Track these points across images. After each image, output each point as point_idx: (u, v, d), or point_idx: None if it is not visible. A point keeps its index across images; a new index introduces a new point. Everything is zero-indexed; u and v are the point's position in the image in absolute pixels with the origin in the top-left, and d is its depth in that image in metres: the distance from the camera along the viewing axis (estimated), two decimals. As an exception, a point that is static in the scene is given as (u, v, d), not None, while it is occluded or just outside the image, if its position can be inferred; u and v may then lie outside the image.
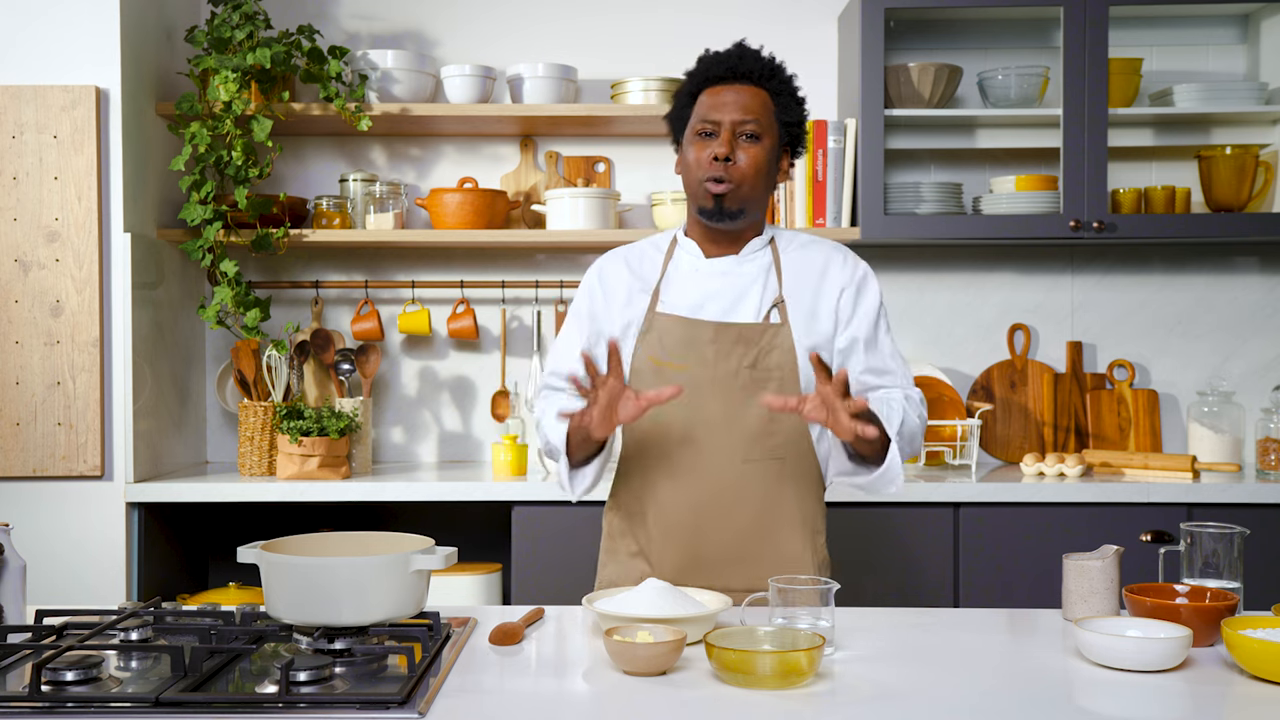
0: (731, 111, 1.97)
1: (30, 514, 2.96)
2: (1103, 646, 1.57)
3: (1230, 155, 3.31)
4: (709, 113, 1.98)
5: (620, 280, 2.10)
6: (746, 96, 1.98)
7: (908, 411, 1.99)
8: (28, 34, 3.00)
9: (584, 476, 2.03)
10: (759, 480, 1.99)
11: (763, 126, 1.98)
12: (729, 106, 1.97)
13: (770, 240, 2.08)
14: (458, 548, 1.77)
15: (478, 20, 3.55)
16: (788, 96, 2.02)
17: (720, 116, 1.97)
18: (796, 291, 2.03)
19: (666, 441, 2.01)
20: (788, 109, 2.01)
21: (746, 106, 1.97)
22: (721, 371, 1.98)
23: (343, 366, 3.33)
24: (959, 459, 3.30)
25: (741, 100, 1.97)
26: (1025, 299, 3.56)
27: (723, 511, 1.99)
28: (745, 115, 1.97)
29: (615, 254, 2.15)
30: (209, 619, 1.78)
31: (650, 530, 2.04)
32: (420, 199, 3.37)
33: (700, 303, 2.03)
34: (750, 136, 1.97)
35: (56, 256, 2.99)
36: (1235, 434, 3.35)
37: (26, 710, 1.40)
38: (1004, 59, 3.50)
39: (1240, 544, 1.82)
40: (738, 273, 2.05)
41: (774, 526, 2.01)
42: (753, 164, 1.97)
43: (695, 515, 2.00)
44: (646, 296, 2.07)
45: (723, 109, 1.97)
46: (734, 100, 1.97)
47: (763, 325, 2.00)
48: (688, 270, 2.07)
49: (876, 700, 1.46)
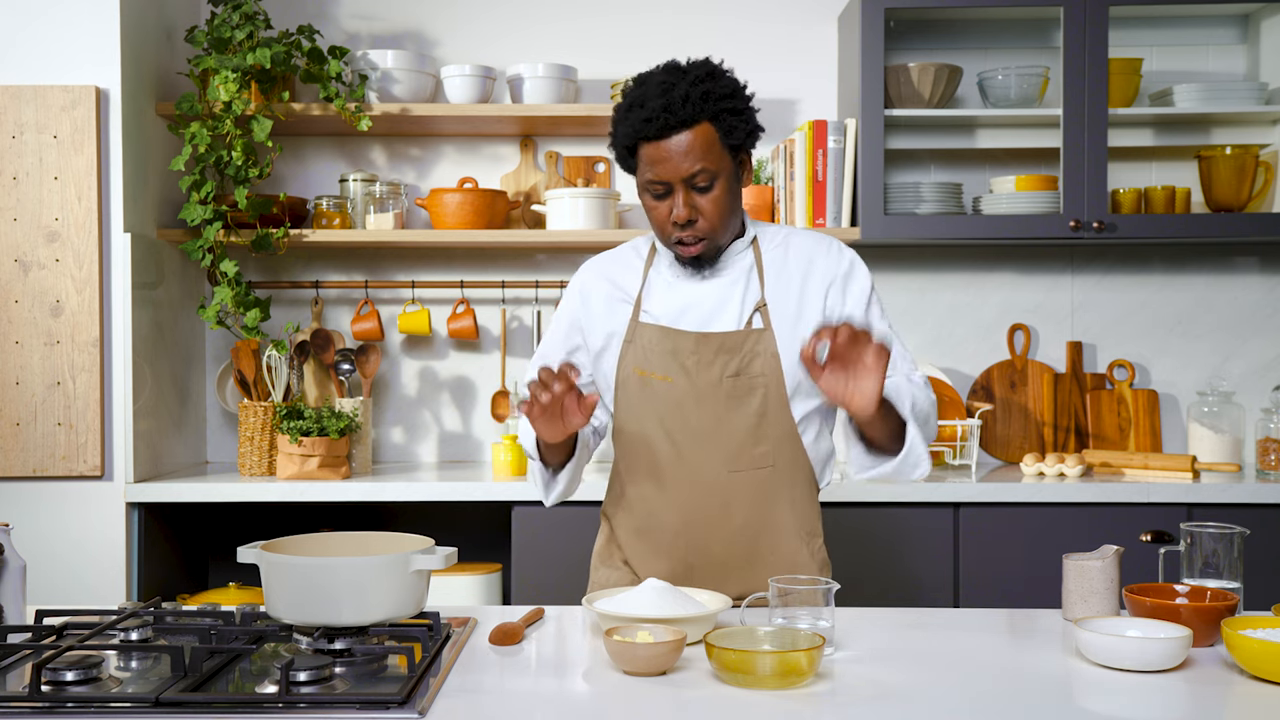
0: (678, 166, 1.86)
1: (30, 514, 2.97)
2: (1103, 646, 1.57)
3: (1230, 155, 3.31)
4: (655, 172, 1.88)
5: (600, 292, 2.06)
6: (689, 143, 1.85)
7: (915, 393, 1.91)
8: (28, 34, 3.00)
9: (555, 484, 2.00)
10: (747, 489, 1.97)
11: (715, 165, 1.87)
12: (673, 161, 1.86)
13: (753, 240, 2.03)
14: (458, 548, 1.77)
15: (478, 20, 3.55)
16: (728, 116, 1.88)
17: (668, 176, 1.87)
18: (780, 292, 1.98)
19: (653, 453, 1.99)
20: (732, 131, 1.88)
21: (692, 155, 1.85)
22: (704, 382, 1.95)
23: (343, 366, 3.33)
24: (959, 459, 3.30)
25: (685, 149, 1.85)
26: (1025, 299, 3.56)
27: (711, 521, 1.98)
28: (694, 166, 1.86)
29: (595, 263, 2.11)
30: (209, 619, 1.78)
31: (640, 541, 2.04)
32: (420, 199, 3.37)
33: (681, 311, 1.99)
34: (704, 187, 1.88)
35: (56, 256, 2.99)
36: (1235, 434, 3.35)
37: (26, 710, 1.40)
38: (1004, 59, 3.50)
39: (1240, 544, 1.82)
40: (718, 277, 2.00)
41: (766, 534, 1.99)
42: (715, 207, 1.90)
43: (684, 525, 1.99)
44: (628, 307, 2.03)
45: (668, 167, 1.86)
46: (678, 152, 1.85)
47: (744, 332, 1.95)
48: (669, 278, 2.02)
49: (876, 700, 1.46)
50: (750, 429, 1.96)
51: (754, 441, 1.96)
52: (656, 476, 2.00)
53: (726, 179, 1.90)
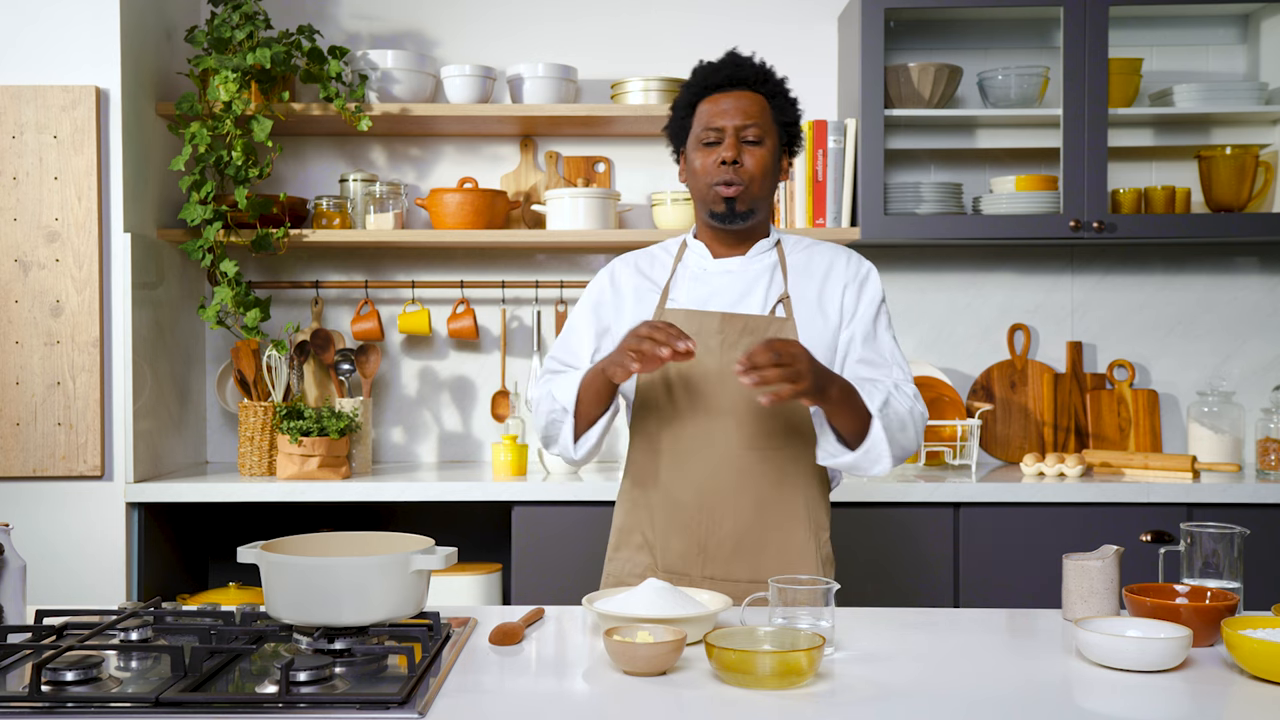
0: (733, 117, 2.04)
1: (30, 514, 2.97)
2: (1103, 646, 1.57)
3: (1230, 155, 3.31)
4: (712, 120, 2.05)
5: (630, 282, 2.16)
6: (745, 102, 2.05)
7: (894, 397, 2.00)
8: (28, 34, 3.00)
9: (589, 437, 2.07)
10: (763, 469, 2.03)
11: (763, 130, 2.05)
12: (730, 113, 2.04)
13: (776, 243, 2.14)
14: (458, 548, 1.77)
15: (478, 20, 3.55)
16: (782, 99, 2.08)
17: (723, 123, 2.04)
18: (802, 289, 2.08)
19: (673, 429, 2.05)
20: (784, 110, 2.08)
21: (747, 112, 2.04)
22: (727, 360, 2.01)
23: (343, 366, 3.33)
24: (959, 459, 3.30)
25: (741, 106, 2.04)
26: (1025, 299, 3.56)
27: (727, 499, 2.03)
28: (747, 120, 2.03)
29: (627, 257, 2.22)
30: (209, 619, 1.78)
31: (656, 518, 2.08)
32: (420, 199, 3.37)
33: (707, 298, 2.09)
34: (753, 140, 2.04)
35: (56, 256, 2.99)
36: (1235, 434, 3.35)
37: (26, 710, 1.40)
38: (1004, 59, 3.50)
39: (1240, 544, 1.82)
40: (744, 271, 2.11)
41: (778, 518, 2.04)
42: (759, 165, 2.04)
43: (700, 502, 2.04)
44: (656, 295, 2.13)
45: (725, 115, 2.04)
46: (734, 107, 2.04)
47: (768, 318, 2.05)
48: (696, 270, 2.13)
49: (876, 700, 1.46)
50: (768, 409, 2.01)
51: (772, 421, 2.02)
52: (675, 454, 2.06)
53: (772, 150, 2.06)
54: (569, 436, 2.06)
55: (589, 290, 2.20)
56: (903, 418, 1.99)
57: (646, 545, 2.10)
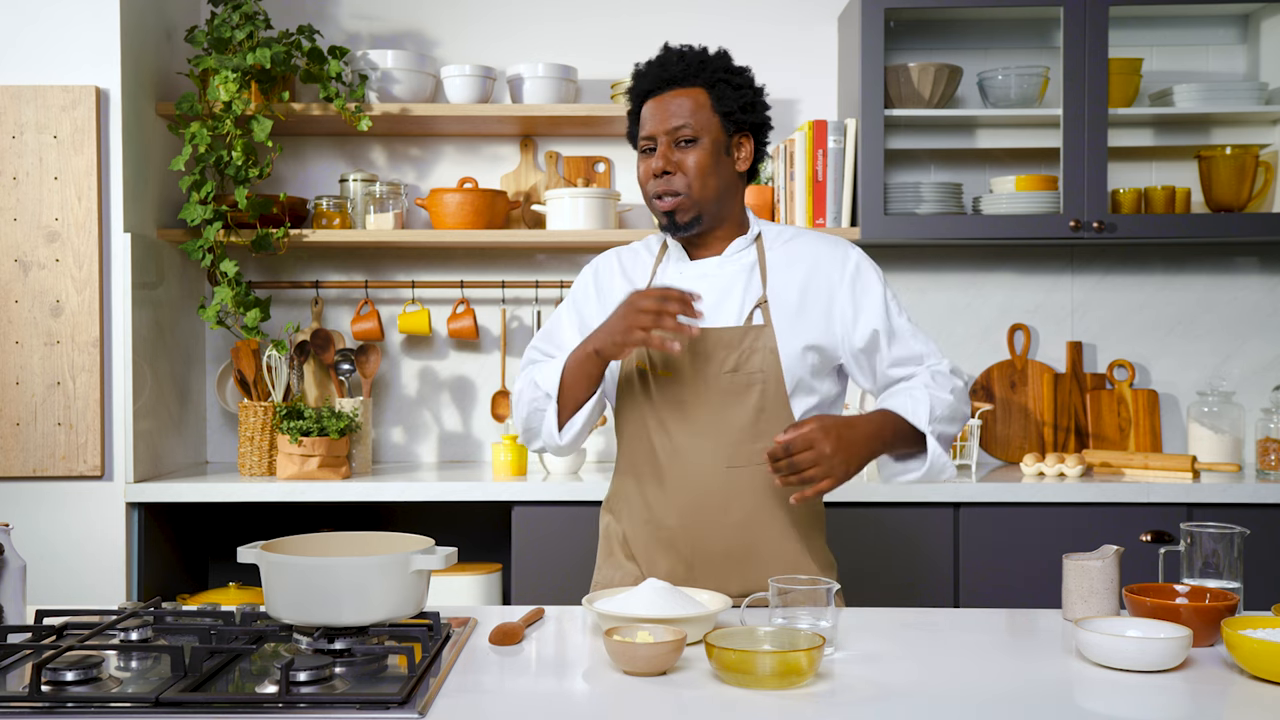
0: (662, 122, 1.97)
1: (30, 514, 2.97)
2: (1103, 646, 1.57)
3: (1230, 155, 3.31)
4: (643, 127, 2.00)
5: (613, 282, 2.12)
6: (676, 102, 1.97)
7: (934, 393, 1.95)
8: (28, 34, 3.00)
9: (573, 423, 2.00)
10: (747, 485, 1.97)
11: (697, 126, 1.96)
12: (659, 117, 1.97)
13: (756, 237, 2.07)
14: (458, 548, 1.77)
15: (478, 20, 3.55)
16: (723, 85, 1.98)
17: (652, 129, 1.98)
18: (782, 290, 2.01)
19: (653, 448, 2.00)
20: (724, 99, 1.97)
21: (675, 112, 1.96)
22: (702, 377, 1.96)
23: (343, 366, 3.33)
24: (959, 459, 3.30)
25: (670, 108, 1.97)
26: (1025, 299, 3.56)
27: (711, 517, 1.98)
28: (675, 122, 1.96)
29: (610, 255, 2.17)
30: (209, 619, 1.78)
31: (641, 536, 2.04)
32: (420, 199, 3.37)
33: None
34: (685, 142, 1.96)
35: (56, 256, 2.99)
36: (1235, 434, 3.35)
37: (26, 710, 1.40)
38: (1004, 59, 3.50)
39: (1240, 544, 1.82)
40: (719, 274, 2.03)
41: (766, 531, 1.99)
42: (694, 168, 1.96)
43: (684, 521, 1.99)
44: None
45: (653, 121, 1.98)
46: (663, 110, 1.97)
47: (744, 328, 1.98)
48: (673, 275, 2.07)
49: (876, 700, 1.46)
50: (748, 425, 1.96)
51: (752, 438, 1.96)
52: (656, 472, 2.00)
53: (711, 145, 1.97)
54: (552, 424, 1.99)
55: (576, 286, 2.17)
56: (950, 406, 1.95)
57: (633, 559, 2.06)
